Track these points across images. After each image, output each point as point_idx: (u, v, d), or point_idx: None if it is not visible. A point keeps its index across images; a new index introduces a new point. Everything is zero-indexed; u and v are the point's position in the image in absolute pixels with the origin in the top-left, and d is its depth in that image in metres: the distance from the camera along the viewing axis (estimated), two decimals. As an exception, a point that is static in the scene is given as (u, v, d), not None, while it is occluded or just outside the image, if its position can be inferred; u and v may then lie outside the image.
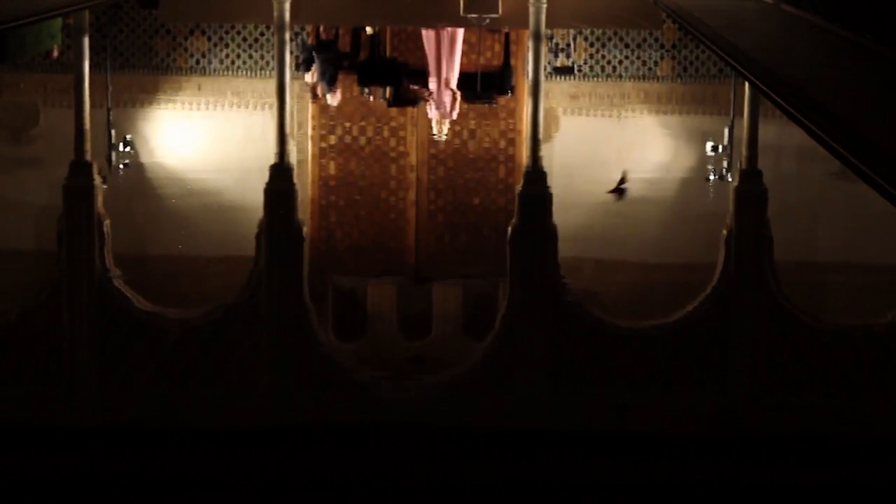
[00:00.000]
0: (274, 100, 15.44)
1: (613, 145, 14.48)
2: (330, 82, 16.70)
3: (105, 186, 11.52)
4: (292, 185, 11.94)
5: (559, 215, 10.90)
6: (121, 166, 12.30)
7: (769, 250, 10.12)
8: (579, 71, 19.07)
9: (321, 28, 20.03)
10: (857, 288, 9.73)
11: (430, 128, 14.46)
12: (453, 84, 16.84)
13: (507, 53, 19.14)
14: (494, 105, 16.18)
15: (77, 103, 14.56)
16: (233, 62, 19.08)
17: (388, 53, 19.72)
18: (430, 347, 8.46)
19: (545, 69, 17.86)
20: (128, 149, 12.77)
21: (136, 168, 12.40)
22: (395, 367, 8.00)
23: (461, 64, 17.67)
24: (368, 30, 19.70)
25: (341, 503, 6.07)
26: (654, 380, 7.66)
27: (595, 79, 18.86)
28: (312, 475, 6.27)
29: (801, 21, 17.56)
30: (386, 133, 14.66)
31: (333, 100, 15.84)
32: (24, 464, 6.29)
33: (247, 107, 16.26)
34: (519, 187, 12.34)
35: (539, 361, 8.04)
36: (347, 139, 14.37)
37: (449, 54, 17.57)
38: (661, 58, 19.42)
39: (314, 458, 6.46)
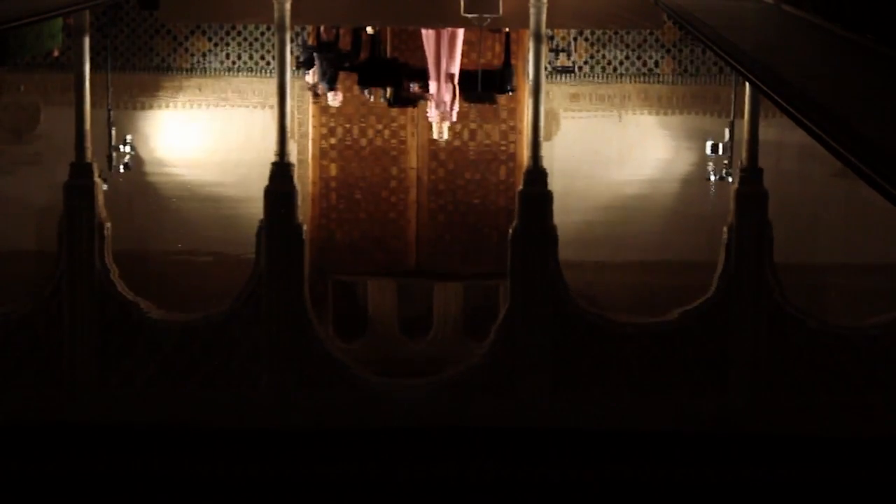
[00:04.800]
0: (274, 100, 15.45)
1: (614, 145, 14.48)
2: (330, 82, 16.71)
3: (105, 187, 11.52)
4: (292, 185, 11.95)
5: (559, 215, 10.91)
6: (121, 166, 12.30)
7: (769, 250, 10.12)
8: (580, 71, 19.07)
9: (322, 28, 20.04)
10: (857, 288, 9.73)
11: (431, 128, 14.46)
12: (453, 84, 16.84)
13: (507, 53, 19.14)
14: (495, 105, 16.18)
15: (78, 103, 14.55)
16: (233, 62, 19.08)
17: (388, 53, 19.72)
18: (430, 347, 8.46)
19: (546, 69, 17.86)
20: (128, 149, 12.78)
21: (137, 168, 12.41)
22: (396, 367, 8.00)
23: (462, 64, 17.68)
24: (369, 30, 19.71)
25: (341, 503, 6.07)
26: (654, 380, 7.66)
27: (595, 79, 18.86)
28: (312, 475, 6.27)
29: (802, 21, 17.56)
30: (386, 133, 14.67)
31: (334, 100, 15.85)
32: (24, 464, 6.29)
33: (247, 107, 16.26)
34: (519, 187, 12.35)
35: (539, 361, 8.04)
36: (348, 139, 14.38)
37: (449, 54, 17.57)
38: (662, 58, 19.42)
39: (314, 458, 6.46)
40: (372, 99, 16.28)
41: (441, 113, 15.34)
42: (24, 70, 17.22)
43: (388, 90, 16.79)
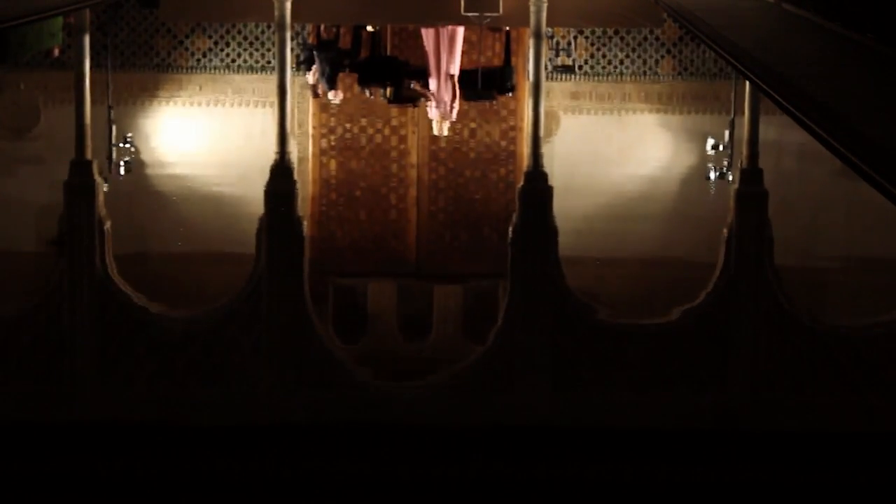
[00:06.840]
0: (275, 99, 15.45)
1: (614, 144, 14.48)
2: (330, 81, 16.70)
3: (106, 185, 11.52)
4: (293, 184, 11.95)
5: (560, 214, 10.91)
6: (121, 165, 12.31)
7: (769, 249, 10.12)
8: (580, 70, 19.07)
9: (322, 27, 20.03)
10: (858, 288, 9.73)
11: (431, 127, 14.46)
12: (454, 83, 16.83)
13: (507, 52, 19.14)
14: (495, 104, 16.18)
15: (78, 102, 14.56)
16: (233, 61, 19.08)
17: (388, 52, 19.72)
18: (430, 347, 8.46)
19: (546, 68, 17.86)
20: (129, 147, 12.78)
21: (137, 167, 12.41)
22: (396, 367, 8.00)
23: (462, 63, 17.67)
24: (369, 28, 19.71)
25: (341, 503, 6.07)
26: (654, 379, 7.66)
27: (596, 78, 18.86)
28: (312, 475, 6.27)
29: (802, 20, 17.56)
30: (387, 132, 14.67)
31: (334, 99, 15.85)
32: (24, 464, 6.29)
33: (247, 105, 16.26)
34: (520, 186, 12.35)
35: (539, 361, 8.04)
36: (348, 138, 14.38)
37: (449, 53, 17.57)
38: (662, 57, 19.42)
39: (314, 458, 6.46)
40: (372, 98, 16.28)
41: (441, 112, 15.34)
42: (24, 68, 17.22)
43: (388, 89, 16.79)
